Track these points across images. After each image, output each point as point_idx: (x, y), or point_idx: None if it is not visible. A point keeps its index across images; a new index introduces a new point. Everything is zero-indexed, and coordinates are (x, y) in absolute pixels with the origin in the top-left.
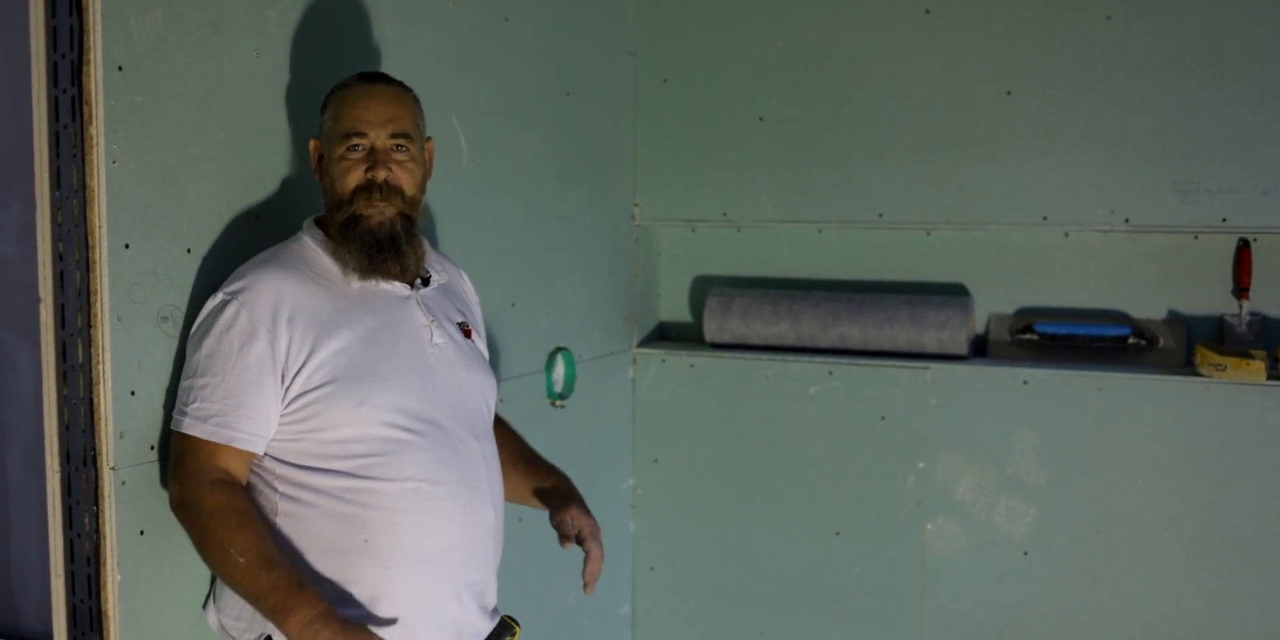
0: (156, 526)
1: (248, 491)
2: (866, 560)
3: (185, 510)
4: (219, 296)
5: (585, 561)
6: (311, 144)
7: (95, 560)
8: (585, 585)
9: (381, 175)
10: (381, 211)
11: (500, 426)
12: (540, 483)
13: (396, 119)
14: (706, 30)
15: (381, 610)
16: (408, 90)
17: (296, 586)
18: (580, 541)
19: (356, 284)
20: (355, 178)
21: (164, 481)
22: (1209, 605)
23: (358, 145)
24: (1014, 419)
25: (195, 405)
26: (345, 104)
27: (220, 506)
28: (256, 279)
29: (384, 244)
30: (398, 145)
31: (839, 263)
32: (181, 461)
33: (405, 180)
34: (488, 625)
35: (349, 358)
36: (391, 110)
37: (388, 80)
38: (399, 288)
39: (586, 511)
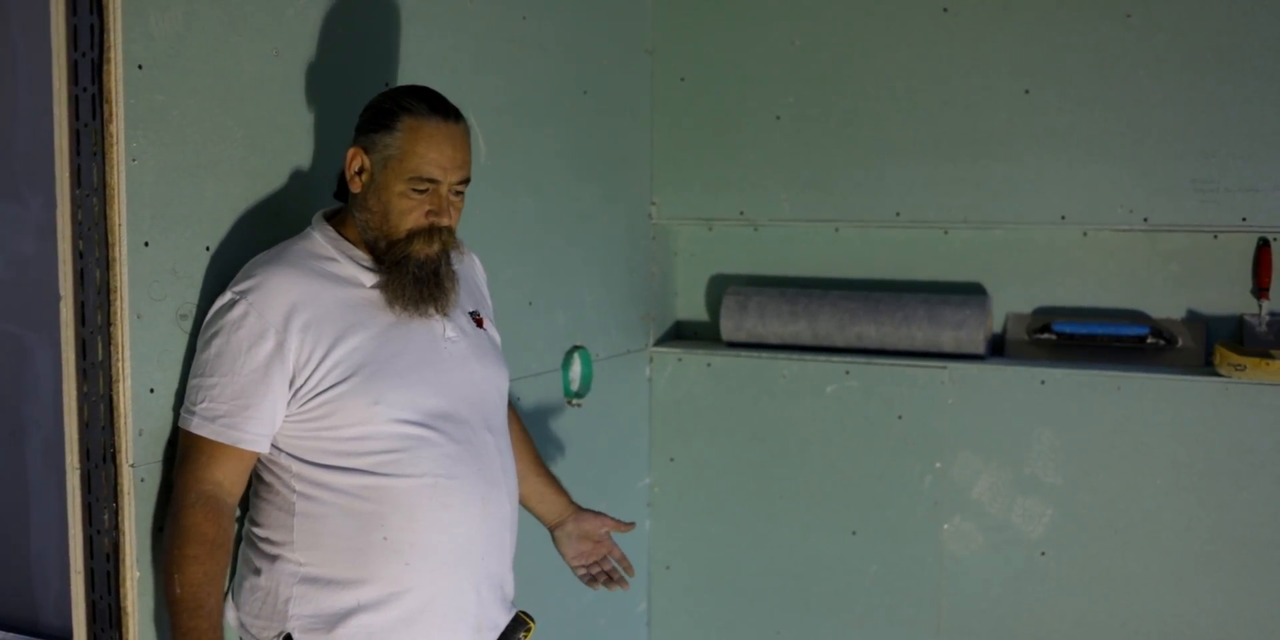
0: None
1: (270, 490)
2: (883, 560)
3: (170, 515)
4: (228, 295)
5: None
6: (350, 152)
7: (115, 557)
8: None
9: (445, 222)
10: (433, 249)
11: (516, 430)
12: (555, 491)
13: (466, 165)
14: (724, 29)
15: (403, 606)
16: (466, 123)
17: None
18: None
19: (397, 312)
20: (416, 219)
21: None
22: (1227, 606)
23: (426, 188)
24: (1031, 419)
25: (203, 405)
26: (420, 141)
27: (191, 528)
28: (266, 278)
29: (428, 279)
30: (459, 191)
31: (856, 262)
32: (184, 460)
33: (457, 220)
34: (506, 617)
35: (363, 355)
36: (464, 155)
37: (458, 117)
38: None
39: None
